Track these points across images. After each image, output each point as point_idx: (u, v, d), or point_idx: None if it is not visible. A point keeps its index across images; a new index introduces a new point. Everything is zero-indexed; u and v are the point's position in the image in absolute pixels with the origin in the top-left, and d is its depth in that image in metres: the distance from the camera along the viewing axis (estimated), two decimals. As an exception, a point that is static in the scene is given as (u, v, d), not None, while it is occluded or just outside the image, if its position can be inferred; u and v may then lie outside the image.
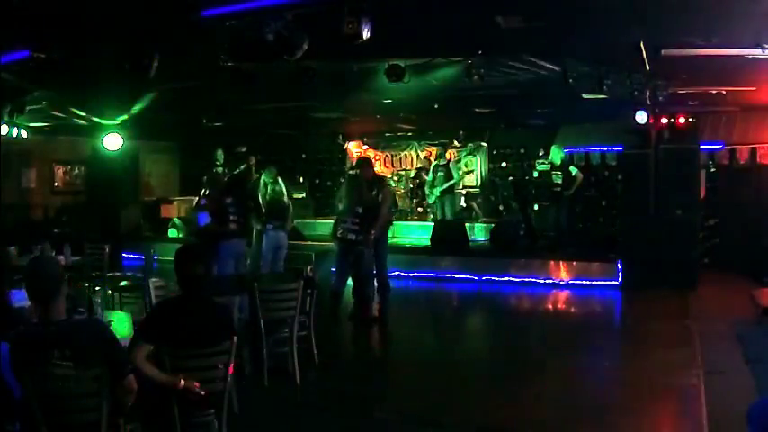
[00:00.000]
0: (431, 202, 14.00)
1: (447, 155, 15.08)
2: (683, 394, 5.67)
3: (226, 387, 3.79)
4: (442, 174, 13.69)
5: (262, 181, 10.03)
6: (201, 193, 8.32)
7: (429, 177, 13.97)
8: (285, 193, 9.91)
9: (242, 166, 12.86)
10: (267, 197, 9.67)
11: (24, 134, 12.44)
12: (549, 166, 11.99)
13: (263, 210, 9.49)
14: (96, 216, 13.51)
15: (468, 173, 15.26)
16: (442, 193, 13.57)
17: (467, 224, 12.90)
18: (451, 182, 13.58)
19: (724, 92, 9.77)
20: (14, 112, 10.46)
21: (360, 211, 8.05)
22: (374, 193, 8.21)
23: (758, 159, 11.65)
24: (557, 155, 11.92)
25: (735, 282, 10.50)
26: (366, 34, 5.45)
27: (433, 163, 14.24)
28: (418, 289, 11.22)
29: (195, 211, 8.37)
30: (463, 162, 15.36)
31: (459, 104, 11.31)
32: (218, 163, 12.65)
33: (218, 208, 8.08)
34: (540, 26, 6.43)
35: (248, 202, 9.25)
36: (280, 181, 10.09)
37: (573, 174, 11.73)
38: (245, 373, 5.74)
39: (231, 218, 8.07)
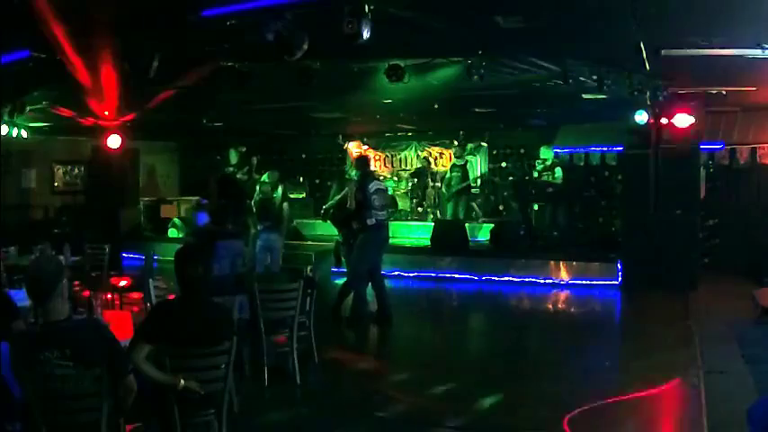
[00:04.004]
0: (445, 200, 14.05)
1: (447, 155, 15.17)
2: (683, 394, 5.66)
3: (226, 387, 3.79)
4: (458, 174, 13.73)
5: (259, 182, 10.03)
6: (206, 193, 8.37)
7: (447, 176, 14.03)
8: (279, 195, 9.89)
9: (244, 168, 12.85)
10: (257, 198, 9.66)
11: (24, 134, 12.44)
12: (544, 166, 12.07)
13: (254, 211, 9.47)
14: (96, 216, 13.48)
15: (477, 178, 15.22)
16: (458, 192, 13.63)
17: (467, 224, 12.90)
18: (467, 182, 13.66)
19: (724, 92, 9.78)
20: (14, 112, 10.45)
21: None
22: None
23: (758, 159, 11.67)
24: (548, 155, 12.04)
25: (735, 282, 10.49)
26: (366, 34, 5.46)
27: (451, 162, 14.35)
28: (418, 289, 11.21)
29: (195, 210, 8.41)
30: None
31: (459, 104, 11.32)
32: (231, 164, 12.53)
33: (216, 208, 8.08)
34: (540, 26, 6.44)
35: (245, 202, 9.25)
36: (279, 184, 10.08)
37: (557, 175, 11.85)
38: (245, 373, 5.74)
39: (229, 218, 8.07)
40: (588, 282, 10.72)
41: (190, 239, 10.70)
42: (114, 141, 13.08)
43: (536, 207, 12.75)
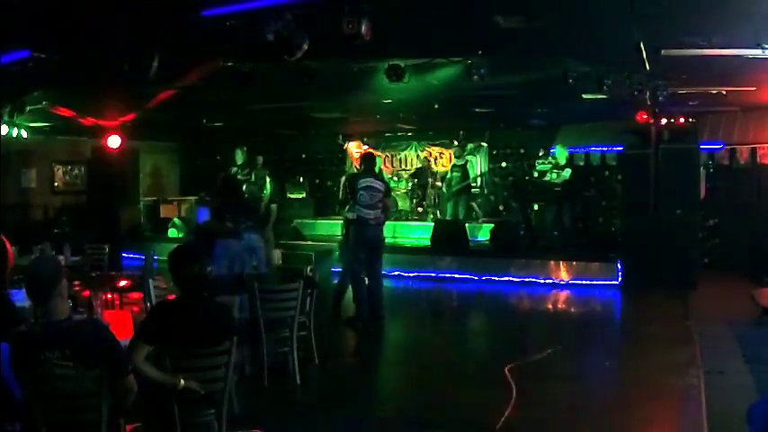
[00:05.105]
0: (445, 200, 14.07)
1: (447, 155, 15.17)
2: (683, 394, 5.66)
3: (226, 387, 3.78)
4: (458, 173, 13.74)
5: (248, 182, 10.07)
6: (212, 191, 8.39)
7: (447, 176, 14.05)
8: (267, 195, 9.88)
9: (245, 170, 12.83)
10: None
11: (24, 134, 12.45)
12: (552, 165, 12.01)
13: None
14: (96, 216, 13.50)
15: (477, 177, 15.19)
16: (458, 192, 13.65)
17: (467, 224, 12.90)
18: (467, 181, 13.67)
19: (724, 92, 9.77)
20: (14, 112, 10.45)
21: None
22: None
23: (758, 159, 11.66)
24: (562, 155, 11.96)
25: (735, 282, 10.50)
26: (366, 34, 5.46)
27: (451, 162, 14.36)
28: (418, 289, 11.21)
29: (197, 204, 8.45)
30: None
31: (459, 104, 11.31)
32: (237, 163, 12.53)
33: (219, 206, 8.08)
34: (540, 26, 6.44)
35: (244, 202, 9.25)
36: (267, 183, 10.08)
37: (563, 175, 11.84)
38: (245, 373, 5.74)
39: (228, 216, 8.07)
40: (588, 282, 10.72)
41: (188, 238, 10.71)
42: (114, 141, 13.12)
43: (536, 207, 12.75)
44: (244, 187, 9.95)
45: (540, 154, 13.42)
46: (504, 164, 15.40)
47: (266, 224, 9.63)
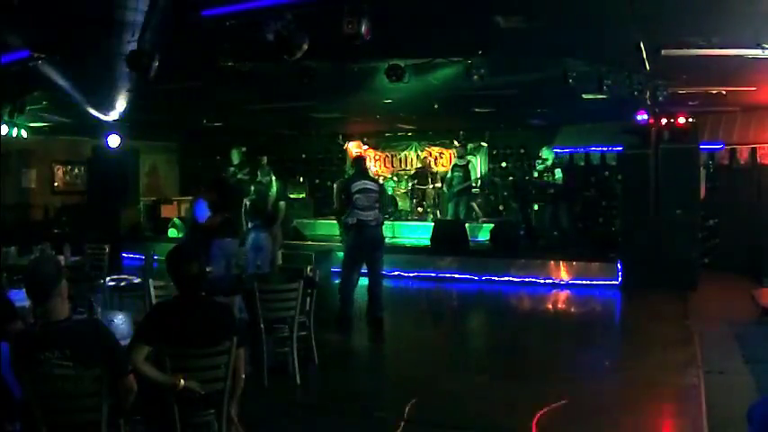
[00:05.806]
0: (446, 200, 14.06)
1: (447, 155, 15.15)
2: (683, 394, 5.66)
3: (226, 387, 3.78)
4: (459, 174, 13.74)
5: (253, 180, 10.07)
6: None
7: (448, 176, 14.05)
8: (274, 194, 9.87)
9: (245, 169, 12.85)
10: (251, 198, 9.66)
11: (24, 134, 12.45)
12: (544, 167, 12.05)
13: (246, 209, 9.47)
14: (96, 216, 13.49)
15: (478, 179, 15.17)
16: (459, 192, 13.65)
17: (467, 224, 12.91)
18: (468, 182, 13.67)
19: (724, 92, 9.77)
20: (14, 112, 10.45)
21: None
22: None
23: (758, 159, 11.67)
24: (549, 156, 12.03)
25: (735, 282, 10.50)
26: (366, 34, 5.46)
27: (452, 162, 14.36)
28: (418, 289, 11.21)
29: (195, 197, 8.44)
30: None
31: (459, 104, 11.32)
32: (233, 163, 12.48)
33: (218, 202, 8.06)
34: (540, 26, 6.44)
35: (240, 201, 9.26)
36: (273, 182, 10.06)
37: (557, 176, 11.85)
38: (246, 373, 5.73)
39: (226, 215, 8.06)
40: (588, 282, 10.72)
41: (184, 237, 10.72)
42: (114, 141, 13.11)
43: (536, 207, 12.76)
44: (252, 188, 9.95)
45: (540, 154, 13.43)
46: (504, 164, 15.42)
47: (274, 222, 9.63)
